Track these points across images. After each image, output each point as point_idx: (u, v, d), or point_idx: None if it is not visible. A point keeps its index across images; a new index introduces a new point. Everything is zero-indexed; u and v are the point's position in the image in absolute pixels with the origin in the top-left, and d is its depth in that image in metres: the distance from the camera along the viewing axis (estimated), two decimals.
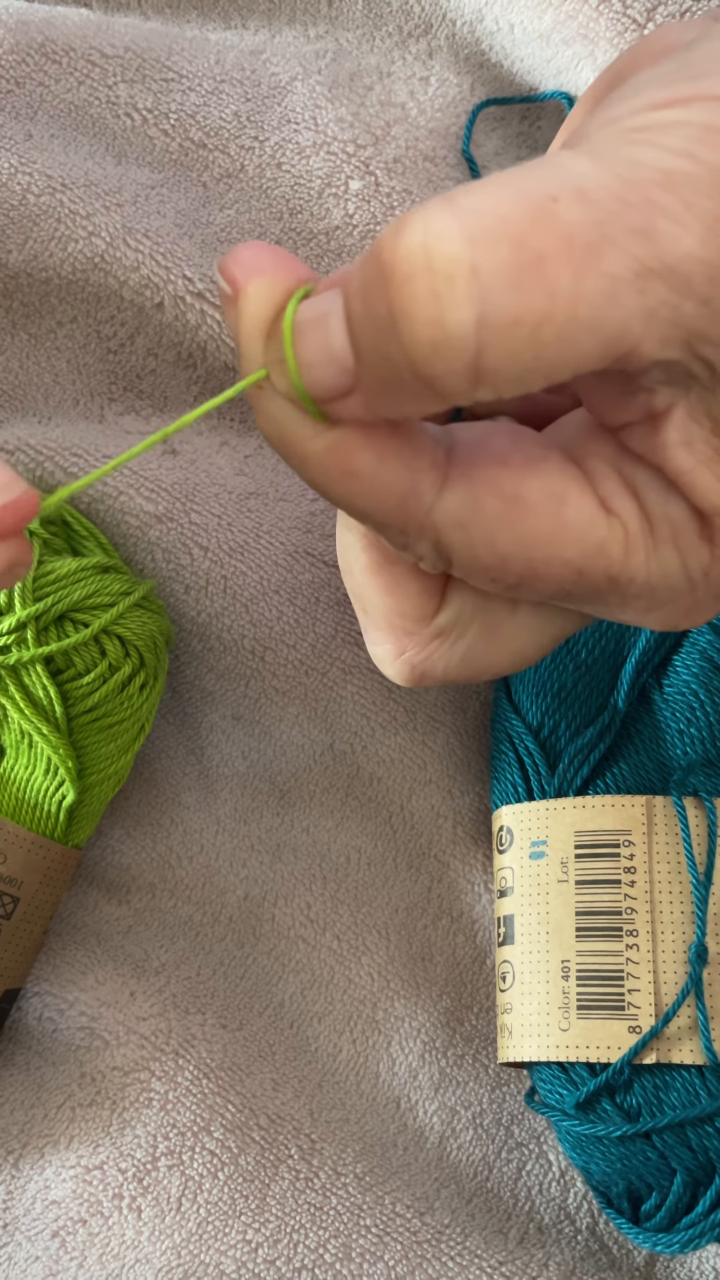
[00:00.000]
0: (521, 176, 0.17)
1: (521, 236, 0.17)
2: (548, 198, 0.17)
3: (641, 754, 0.34)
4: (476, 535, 0.21)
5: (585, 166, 0.17)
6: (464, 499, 0.20)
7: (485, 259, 0.17)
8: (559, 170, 0.17)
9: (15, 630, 0.34)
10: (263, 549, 0.39)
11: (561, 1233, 0.35)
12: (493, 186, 0.17)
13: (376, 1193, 0.34)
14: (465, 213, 0.17)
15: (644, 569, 0.21)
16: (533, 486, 0.21)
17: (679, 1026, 0.30)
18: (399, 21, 0.42)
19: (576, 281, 0.17)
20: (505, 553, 0.21)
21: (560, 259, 0.17)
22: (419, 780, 0.39)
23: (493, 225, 0.17)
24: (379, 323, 0.18)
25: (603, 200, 0.17)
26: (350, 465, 0.20)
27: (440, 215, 0.17)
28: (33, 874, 0.35)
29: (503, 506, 0.20)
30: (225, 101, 0.40)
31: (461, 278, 0.17)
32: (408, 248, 0.17)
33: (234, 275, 0.20)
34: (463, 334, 0.17)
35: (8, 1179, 0.35)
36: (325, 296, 0.19)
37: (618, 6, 0.37)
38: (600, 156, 0.18)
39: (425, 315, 0.17)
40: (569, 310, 0.17)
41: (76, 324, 0.40)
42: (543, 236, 0.17)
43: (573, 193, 0.17)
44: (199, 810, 0.40)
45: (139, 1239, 0.34)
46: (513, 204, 0.17)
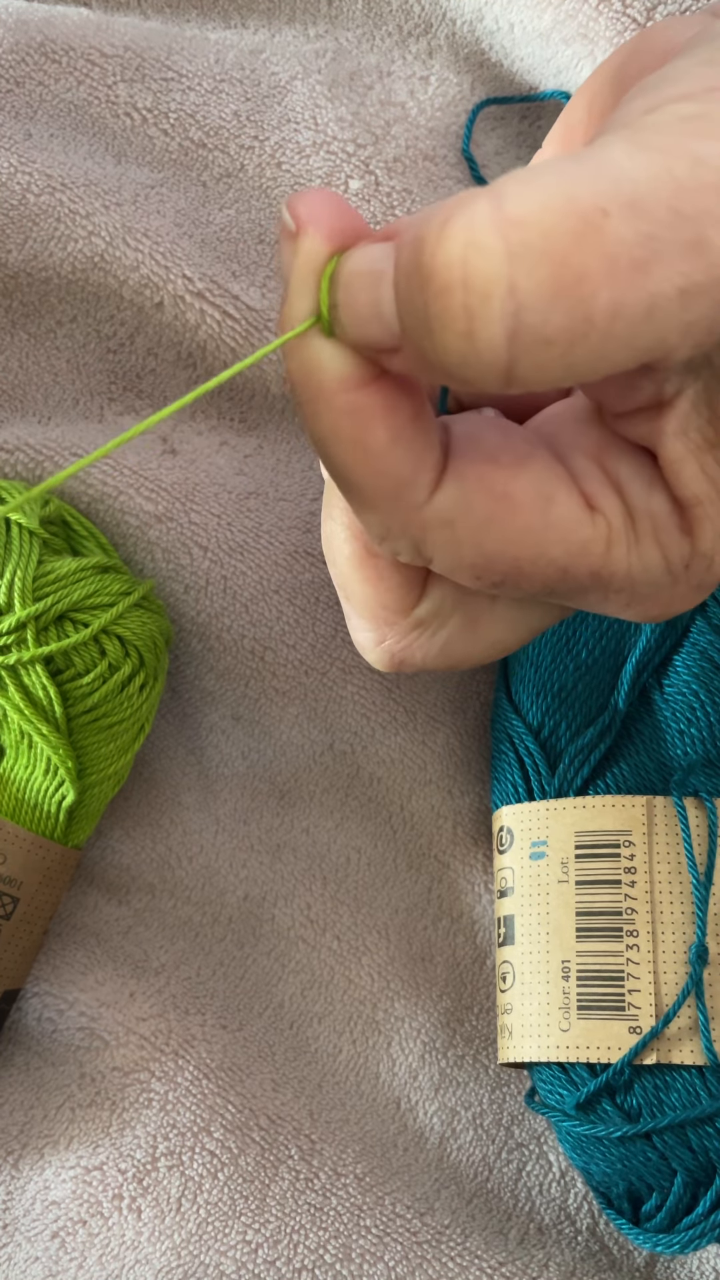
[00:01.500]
0: (574, 179, 0.17)
1: (565, 255, 0.16)
2: (598, 211, 0.16)
3: (642, 754, 0.34)
4: (463, 534, 0.21)
5: (640, 168, 0.17)
6: (454, 497, 0.20)
7: (524, 278, 0.16)
8: (613, 174, 0.17)
9: (15, 630, 0.34)
10: (263, 549, 0.39)
11: (562, 1233, 0.35)
12: (542, 190, 0.17)
13: (377, 1193, 0.34)
14: (509, 224, 0.16)
15: (625, 564, 0.21)
16: (522, 484, 0.21)
17: (679, 1027, 0.30)
18: (399, 21, 0.42)
19: (616, 301, 0.16)
20: (491, 552, 0.21)
21: (602, 278, 0.16)
22: (419, 780, 0.39)
23: (536, 241, 0.16)
24: (417, 316, 0.18)
25: (655, 212, 0.16)
26: (364, 435, 0.20)
27: (484, 225, 0.17)
28: (32, 874, 0.35)
29: (492, 505, 0.20)
30: (225, 101, 0.40)
31: (497, 296, 0.16)
32: (447, 257, 0.17)
33: (299, 213, 0.19)
34: (494, 349, 0.17)
35: (7, 1179, 0.35)
36: (380, 251, 0.19)
37: (617, 6, 0.37)
38: (657, 150, 0.17)
39: (457, 328, 0.17)
40: (605, 329, 0.17)
41: (76, 323, 0.40)
42: (587, 256, 0.16)
43: (625, 205, 0.16)
44: (199, 810, 0.40)
45: (139, 1239, 0.34)
46: (561, 217, 0.16)
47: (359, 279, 0.19)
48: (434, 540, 0.21)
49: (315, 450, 0.21)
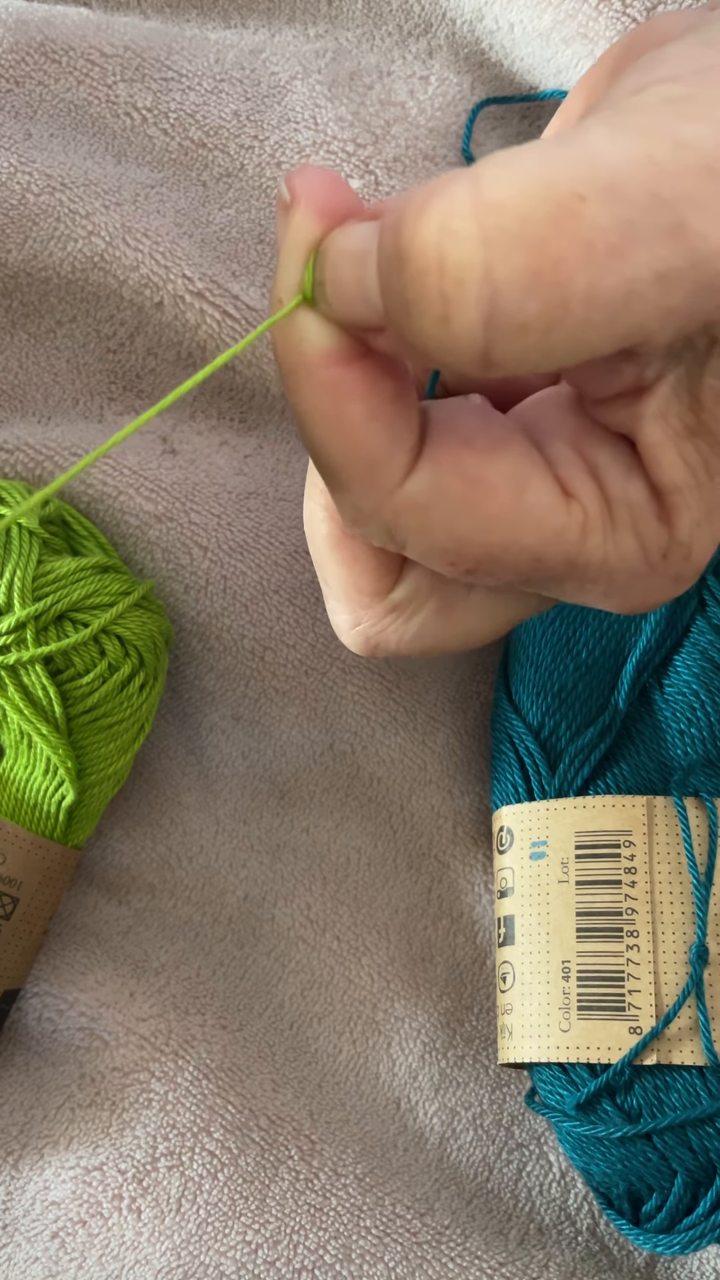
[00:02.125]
0: (552, 163, 0.16)
1: (541, 241, 0.16)
2: (575, 196, 0.16)
3: (642, 754, 0.34)
4: (436, 518, 0.20)
5: (620, 151, 0.16)
6: (428, 481, 0.20)
7: (499, 263, 0.16)
8: (592, 157, 0.16)
9: (15, 630, 0.34)
10: (263, 549, 0.39)
11: (562, 1234, 0.35)
12: (520, 173, 0.16)
13: (376, 1194, 0.34)
14: (486, 208, 0.16)
15: (601, 552, 0.21)
16: (496, 469, 0.20)
17: (679, 1027, 0.30)
18: (399, 21, 0.42)
19: (593, 287, 0.16)
20: (464, 536, 0.21)
21: (579, 263, 0.16)
22: (419, 780, 0.39)
23: (512, 226, 0.16)
24: (396, 298, 0.18)
25: (634, 196, 0.16)
26: (341, 410, 0.20)
27: (461, 209, 0.16)
28: (32, 874, 0.35)
29: (465, 489, 0.20)
30: (225, 100, 0.40)
31: (472, 282, 0.16)
32: (423, 241, 0.17)
33: (294, 187, 0.19)
34: (470, 334, 0.17)
35: (7, 1179, 0.35)
36: (367, 230, 0.18)
37: (617, 5, 0.37)
38: (638, 132, 0.17)
39: (433, 313, 0.17)
40: (582, 315, 0.17)
41: (76, 323, 0.40)
42: (564, 241, 0.16)
43: (603, 190, 0.16)
44: (199, 810, 0.40)
45: (139, 1240, 0.34)
46: (537, 202, 0.16)
47: (345, 257, 0.19)
48: (406, 524, 0.21)
49: (296, 425, 0.21)
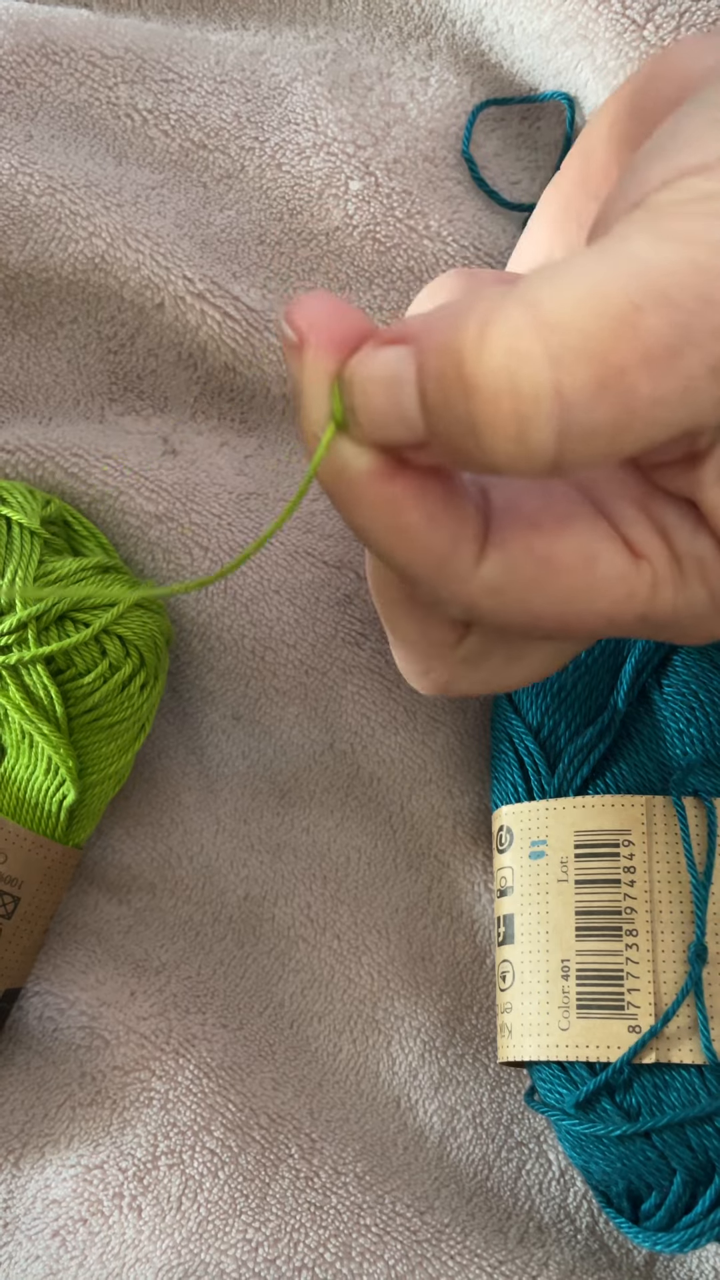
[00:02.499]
0: (604, 278, 0.17)
1: (605, 353, 0.17)
2: (631, 306, 0.17)
3: (641, 754, 0.34)
4: (511, 600, 0.21)
5: (666, 260, 0.17)
6: (500, 567, 0.21)
7: (568, 379, 0.17)
8: (640, 268, 0.17)
9: (16, 630, 0.34)
10: (263, 549, 0.39)
11: (561, 1232, 0.35)
12: (574, 290, 0.17)
13: (376, 1192, 0.34)
14: (548, 329, 0.17)
15: (672, 606, 0.21)
16: (565, 547, 0.21)
17: (679, 1026, 0.30)
18: (399, 22, 0.42)
19: (655, 389, 0.17)
20: (539, 613, 0.21)
21: (640, 370, 0.17)
22: (419, 780, 0.39)
23: (576, 343, 0.17)
24: (457, 420, 0.18)
25: (685, 302, 0.17)
26: (400, 521, 0.20)
27: (524, 332, 0.17)
28: (33, 874, 0.35)
29: (536, 571, 0.21)
30: (225, 102, 0.40)
31: (545, 400, 0.17)
32: (492, 366, 0.17)
33: (299, 325, 0.20)
34: (544, 448, 0.18)
35: (8, 1178, 0.35)
36: (395, 355, 0.19)
37: (617, 7, 0.37)
38: (680, 242, 0.17)
39: (508, 433, 0.17)
40: (646, 415, 0.17)
41: (77, 324, 0.40)
42: (625, 351, 0.17)
43: (656, 299, 0.17)
44: (199, 810, 0.40)
45: (139, 1238, 0.34)
46: (597, 317, 0.17)
47: (375, 385, 0.19)
48: (483, 606, 0.21)
49: (357, 538, 0.22)
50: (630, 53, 0.37)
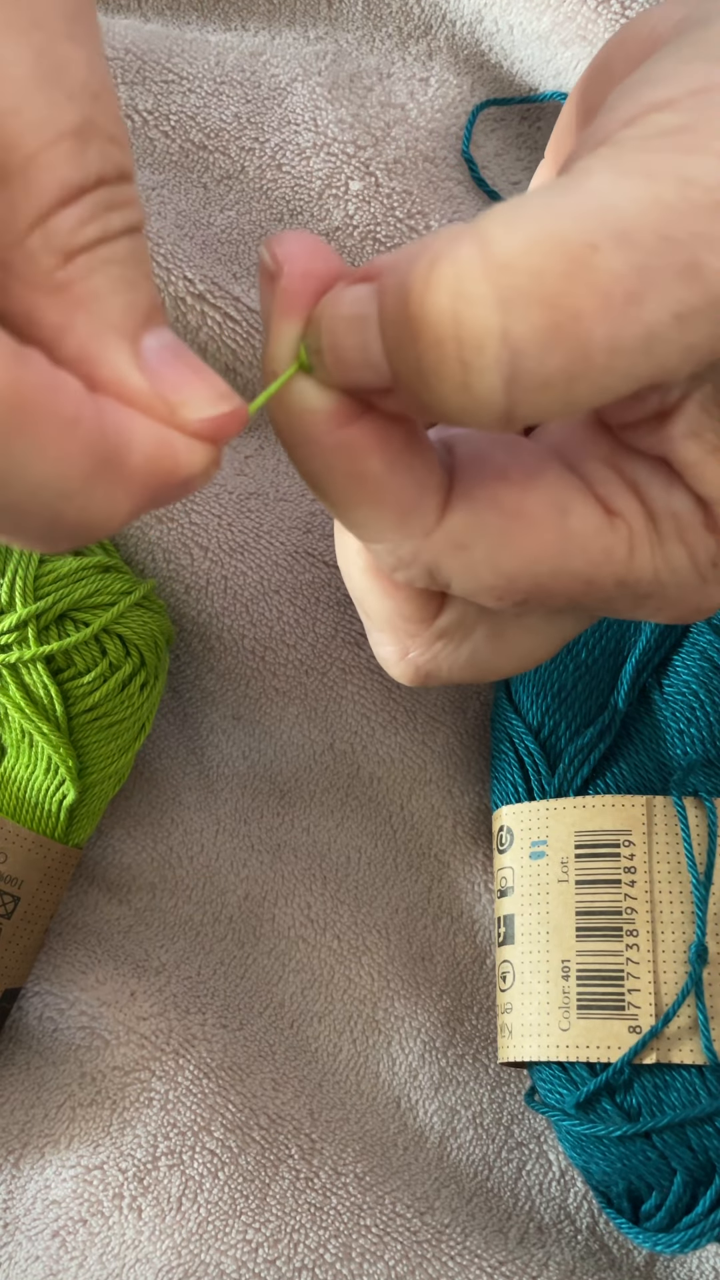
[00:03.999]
0: (558, 214, 0.16)
1: (557, 296, 0.16)
2: (587, 246, 0.16)
3: (641, 754, 0.34)
4: (479, 556, 0.20)
5: (627, 196, 0.16)
6: (465, 519, 0.20)
7: (517, 324, 0.16)
8: (598, 204, 0.16)
9: (16, 629, 0.34)
10: (263, 549, 0.39)
11: (561, 1232, 0.35)
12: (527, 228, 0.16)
13: (376, 1192, 0.34)
14: (497, 269, 0.16)
15: (650, 567, 0.20)
16: (535, 498, 0.20)
17: (679, 1026, 0.30)
18: (399, 23, 0.42)
19: (613, 336, 0.16)
20: (510, 571, 0.20)
21: (598, 315, 0.16)
22: (419, 780, 0.39)
23: (526, 284, 0.16)
24: (410, 366, 0.17)
25: (645, 241, 0.16)
26: (359, 467, 0.19)
27: (471, 271, 0.16)
28: (33, 873, 0.35)
29: (505, 523, 0.20)
30: (225, 103, 0.40)
31: (491, 346, 0.16)
32: (436, 308, 0.16)
33: (277, 254, 0.19)
34: (492, 396, 0.16)
35: (8, 1179, 0.35)
36: (361, 294, 0.18)
37: (616, 8, 0.37)
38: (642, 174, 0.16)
39: (453, 380, 0.16)
40: (604, 364, 0.16)
41: None
42: (580, 294, 0.16)
43: (614, 237, 0.16)
44: (199, 810, 0.40)
45: (139, 1239, 0.34)
46: (549, 256, 0.16)
47: (343, 323, 0.18)
48: (449, 565, 0.20)
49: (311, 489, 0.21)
50: None
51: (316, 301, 0.19)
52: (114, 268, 0.18)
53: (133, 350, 0.18)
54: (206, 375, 0.18)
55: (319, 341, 0.18)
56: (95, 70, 0.17)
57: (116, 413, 0.17)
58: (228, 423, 0.18)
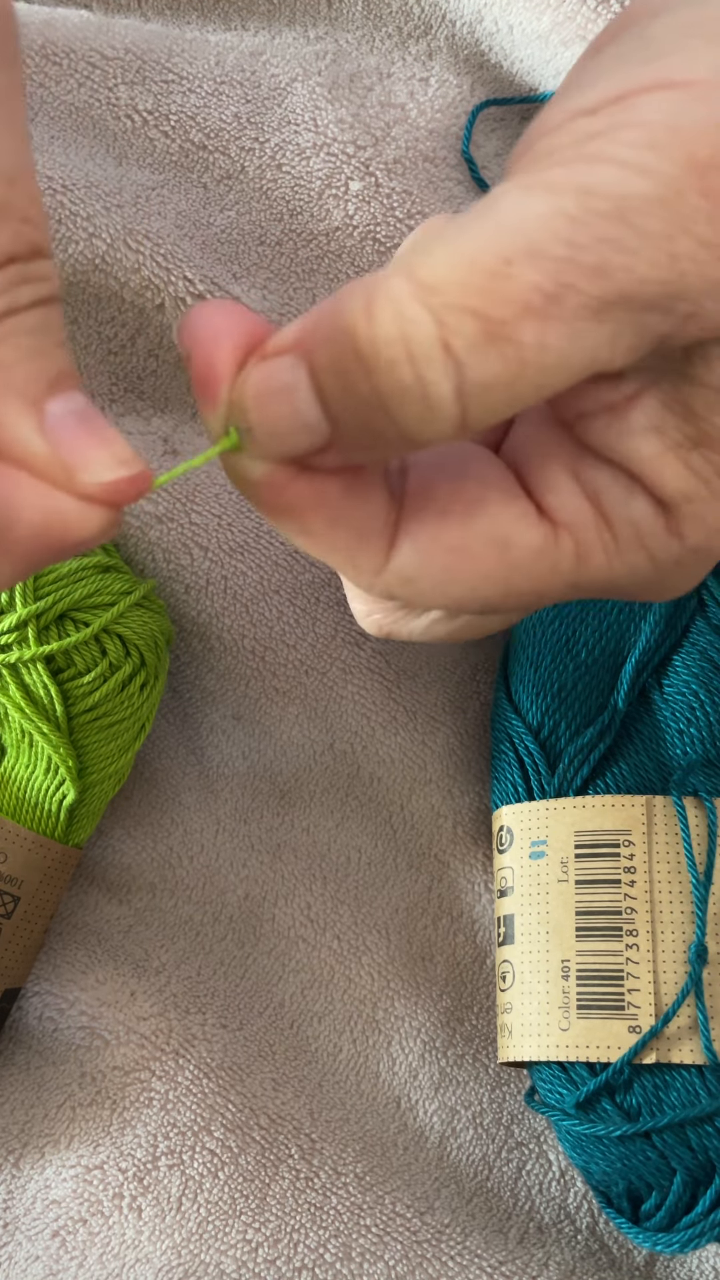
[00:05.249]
0: (473, 239, 0.18)
1: (483, 307, 0.17)
2: (501, 261, 0.17)
3: (641, 754, 0.34)
4: (426, 587, 0.21)
5: (532, 213, 0.18)
6: (411, 558, 0.21)
7: (453, 335, 0.17)
8: (508, 224, 0.18)
9: (16, 629, 0.34)
10: (263, 549, 0.39)
11: (561, 1232, 0.35)
12: (446, 255, 0.18)
13: (376, 1192, 0.34)
14: (426, 292, 0.17)
15: (606, 572, 0.21)
16: (475, 534, 0.21)
17: (679, 1026, 0.30)
18: (399, 22, 0.42)
19: (540, 334, 0.17)
20: (458, 596, 0.21)
21: (521, 319, 0.17)
22: (419, 780, 0.39)
23: (455, 300, 0.17)
24: (364, 401, 0.18)
25: (554, 251, 0.17)
26: (301, 524, 0.21)
27: (405, 297, 0.17)
28: (33, 873, 0.35)
29: (447, 559, 0.21)
30: (225, 103, 0.40)
31: (437, 357, 0.17)
32: (386, 335, 0.17)
33: (185, 341, 0.20)
34: (445, 404, 0.18)
35: (8, 1178, 0.35)
36: (283, 365, 0.19)
37: (616, 8, 0.37)
38: (549, 190, 0.18)
39: (414, 396, 0.18)
40: (538, 361, 0.18)
41: (77, 325, 0.40)
42: (502, 304, 0.17)
43: (524, 252, 0.17)
44: (199, 810, 0.40)
45: (139, 1239, 0.34)
46: (469, 274, 0.17)
47: (268, 399, 0.19)
48: (402, 593, 0.22)
49: None
50: None
51: (232, 378, 0.20)
52: (22, 338, 0.19)
53: (36, 416, 0.19)
54: (109, 441, 0.19)
55: (245, 420, 0.19)
56: (15, 154, 0.19)
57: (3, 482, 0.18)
58: (126, 487, 0.19)
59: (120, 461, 0.19)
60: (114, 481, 0.19)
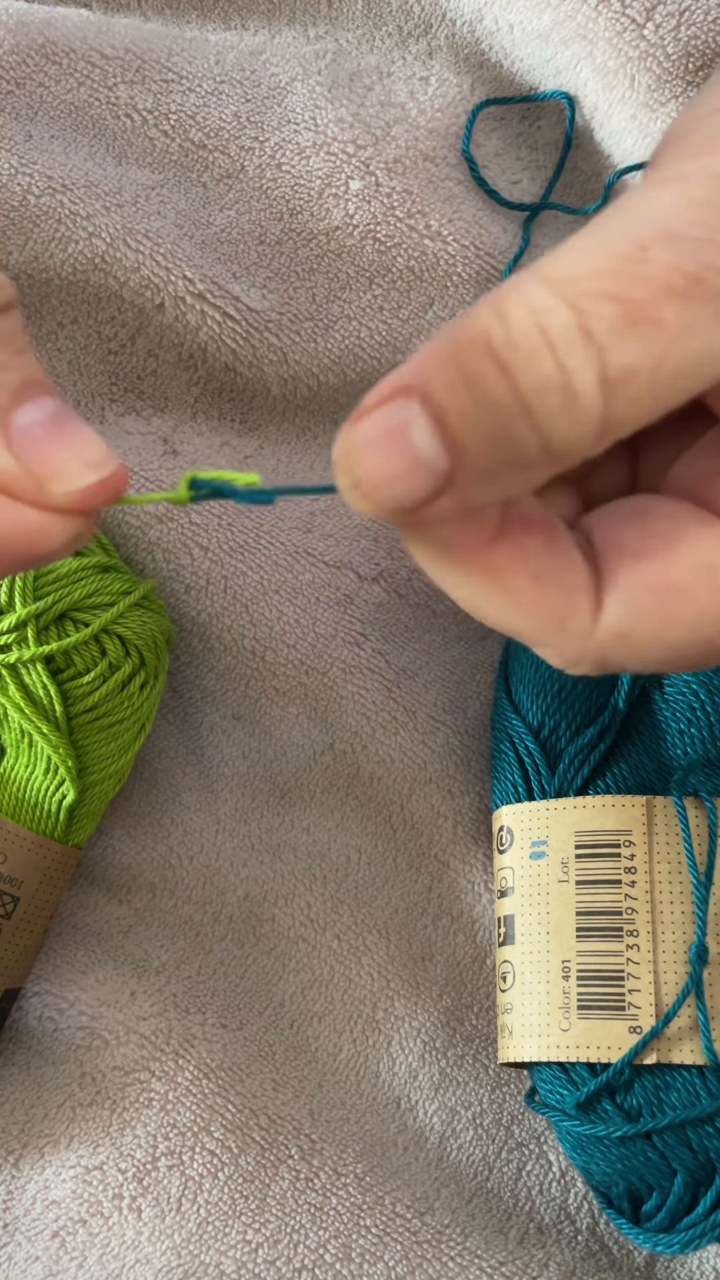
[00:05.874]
0: (603, 231, 0.18)
1: (621, 291, 0.17)
2: (636, 246, 0.17)
3: (641, 754, 0.34)
4: (643, 640, 0.20)
5: (664, 202, 0.18)
6: (620, 611, 0.20)
7: (593, 321, 0.17)
8: (640, 215, 0.18)
9: (15, 629, 0.34)
10: (263, 549, 0.39)
11: (562, 1233, 0.35)
12: (579, 250, 0.18)
13: (376, 1193, 0.34)
14: (560, 283, 0.17)
15: None
16: (681, 568, 0.20)
17: (679, 1027, 0.30)
18: (399, 22, 0.42)
19: (683, 316, 0.17)
20: (678, 643, 0.20)
21: (663, 300, 0.17)
22: (419, 780, 0.39)
23: (592, 286, 0.17)
24: (502, 409, 0.17)
25: (690, 232, 0.17)
26: (507, 584, 0.20)
27: (538, 292, 0.17)
28: (33, 873, 0.35)
29: (659, 602, 0.20)
30: (225, 102, 0.40)
31: (579, 344, 0.17)
32: (523, 330, 0.17)
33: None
34: (590, 394, 0.17)
35: (8, 1179, 0.35)
36: (389, 408, 0.18)
37: (616, 6, 0.37)
38: (680, 179, 0.18)
39: (556, 387, 0.17)
40: (682, 345, 0.17)
41: (77, 325, 0.40)
42: (641, 285, 0.17)
43: (659, 235, 0.17)
44: (199, 810, 0.40)
45: (139, 1239, 0.34)
46: (606, 260, 0.17)
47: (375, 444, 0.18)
48: (617, 655, 0.20)
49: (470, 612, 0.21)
50: (630, 52, 0.37)
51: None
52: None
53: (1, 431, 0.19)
54: (80, 444, 0.19)
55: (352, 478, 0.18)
56: None
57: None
58: (98, 492, 0.19)
59: (89, 466, 0.19)
60: (84, 489, 0.19)
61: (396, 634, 0.39)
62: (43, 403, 0.19)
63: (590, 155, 0.41)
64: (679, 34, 0.37)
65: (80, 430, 0.19)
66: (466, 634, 0.40)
